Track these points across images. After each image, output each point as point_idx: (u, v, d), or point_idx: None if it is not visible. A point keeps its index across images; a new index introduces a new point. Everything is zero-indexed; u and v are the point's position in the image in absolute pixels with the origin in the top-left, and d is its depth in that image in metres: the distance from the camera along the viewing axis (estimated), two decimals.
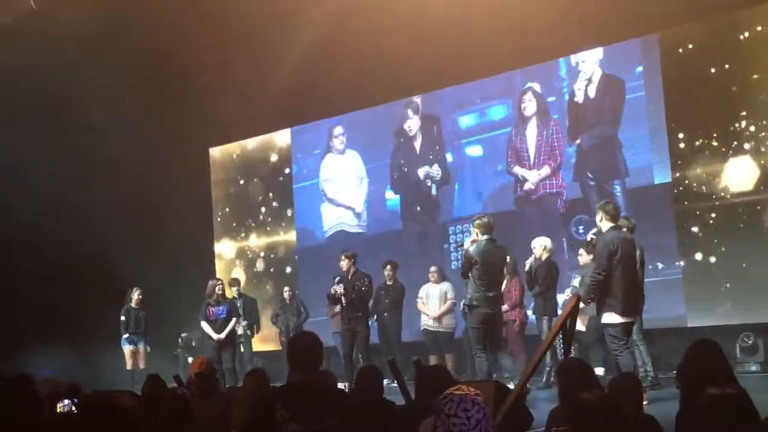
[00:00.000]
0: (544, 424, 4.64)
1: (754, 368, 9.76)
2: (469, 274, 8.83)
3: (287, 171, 15.23)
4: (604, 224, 7.92)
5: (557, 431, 3.28)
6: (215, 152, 16.35)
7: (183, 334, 14.40)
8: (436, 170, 13.27)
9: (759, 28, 10.26)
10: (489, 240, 8.77)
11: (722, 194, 10.49)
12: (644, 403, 7.26)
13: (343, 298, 10.64)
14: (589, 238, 8.54)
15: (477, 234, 8.86)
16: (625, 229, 8.19)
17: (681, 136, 10.82)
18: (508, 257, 9.60)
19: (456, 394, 3.04)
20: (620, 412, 3.15)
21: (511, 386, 5.89)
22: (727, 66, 10.44)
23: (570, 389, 4.58)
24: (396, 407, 5.25)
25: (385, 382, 8.21)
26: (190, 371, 6.42)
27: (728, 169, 10.46)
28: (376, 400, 5.24)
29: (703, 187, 10.65)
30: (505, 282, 9.92)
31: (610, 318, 7.76)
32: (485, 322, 8.77)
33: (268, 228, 15.49)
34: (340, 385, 7.07)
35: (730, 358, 9.38)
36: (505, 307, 9.84)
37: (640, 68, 11.26)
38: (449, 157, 13.17)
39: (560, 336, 5.90)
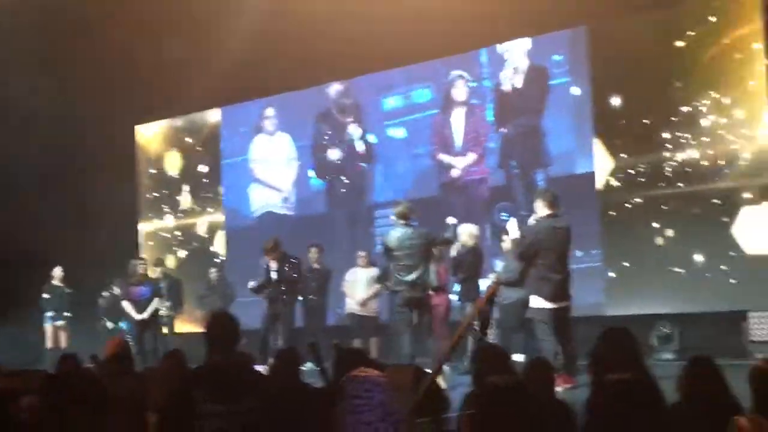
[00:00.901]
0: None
1: (669, 356, 10.00)
2: (389, 260, 8.97)
3: (216, 150, 15.09)
4: (541, 211, 8.14)
5: (465, 414, 3.31)
6: (142, 129, 16.10)
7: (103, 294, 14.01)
8: (359, 151, 13.29)
9: (691, 33, 10.47)
10: (404, 226, 8.86)
11: (645, 185, 10.69)
12: (564, 387, 7.47)
13: (272, 274, 10.60)
14: (509, 226, 8.71)
15: (394, 220, 8.98)
16: (560, 218, 8.34)
17: (605, 126, 11.01)
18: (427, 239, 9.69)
19: (359, 376, 3.07)
20: (527, 396, 3.19)
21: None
22: (657, 59, 10.63)
23: (483, 374, 4.64)
24: (312, 389, 5.25)
25: (309, 365, 8.28)
26: (105, 352, 6.34)
27: (651, 161, 10.67)
28: (292, 383, 5.24)
29: (626, 177, 10.85)
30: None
31: (537, 302, 7.97)
32: (407, 305, 8.82)
33: (196, 207, 15.34)
34: (258, 368, 7.02)
35: (646, 346, 9.80)
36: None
37: (565, 58, 11.43)
38: (372, 139, 13.22)
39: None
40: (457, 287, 10.41)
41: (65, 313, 13.05)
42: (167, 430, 4.56)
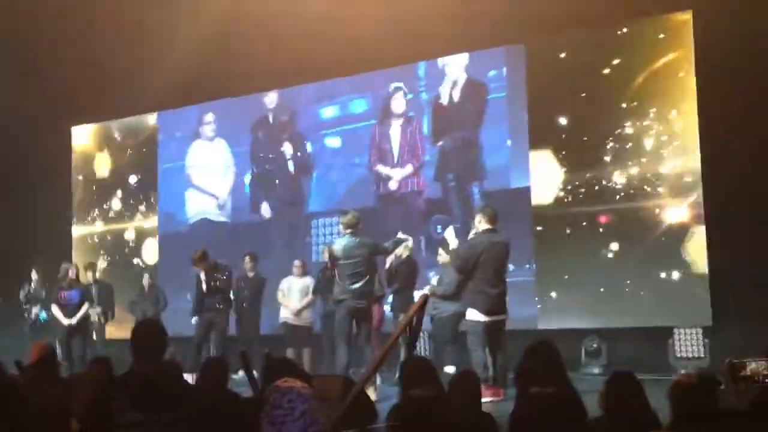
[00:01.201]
0: None
1: (597, 371, 10.16)
2: (335, 271, 8.94)
3: (153, 154, 14.93)
4: (481, 226, 8.32)
5: (389, 426, 3.33)
6: (79, 131, 15.85)
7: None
8: (296, 160, 13.29)
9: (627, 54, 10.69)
10: (350, 235, 8.86)
11: (580, 200, 10.87)
12: (492, 399, 7.55)
13: (203, 286, 10.52)
14: (447, 235, 8.83)
15: (341, 229, 8.99)
16: (498, 233, 8.47)
17: (541, 141, 11.17)
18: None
19: (281, 386, 3.07)
20: (449, 408, 3.22)
21: None
22: (594, 77, 10.83)
23: (409, 386, 4.67)
24: (241, 399, 5.22)
25: (240, 374, 8.22)
26: (30, 357, 6.23)
27: (586, 177, 10.85)
28: (220, 392, 5.22)
29: (560, 193, 11.02)
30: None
31: (473, 315, 8.09)
32: (351, 314, 8.82)
33: (130, 212, 15.14)
34: (187, 376, 6.96)
35: (575, 360, 9.96)
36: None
37: (503, 73, 11.59)
38: (309, 148, 13.24)
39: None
40: (390, 298, 10.46)
41: None
42: None
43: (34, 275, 13.02)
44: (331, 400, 4.68)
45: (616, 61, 10.76)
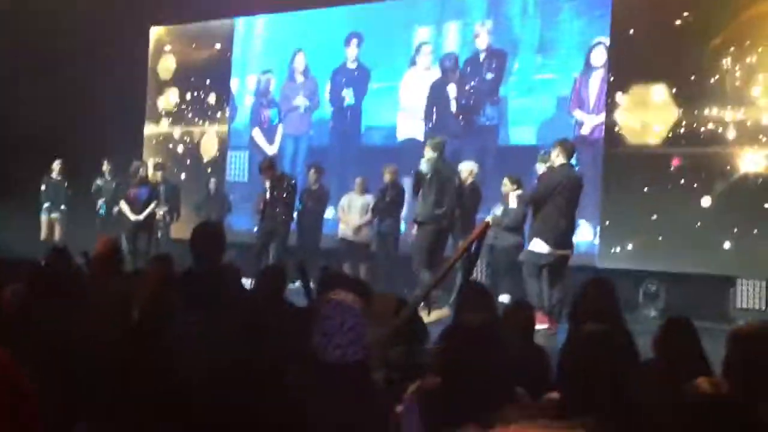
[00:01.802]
0: None
1: (653, 314, 10.06)
2: (419, 192, 8.88)
3: (227, 60, 14.93)
4: (558, 160, 8.31)
5: (437, 348, 3.33)
6: (157, 31, 15.93)
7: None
8: None
9: None
10: (439, 157, 8.82)
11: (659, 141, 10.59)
12: (543, 327, 7.53)
13: (267, 194, 10.66)
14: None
15: (429, 152, 8.92)
16: (575, 168, 8.62)
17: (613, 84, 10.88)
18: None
19: (333, 298, 3.08)
20: (497, 337, 3.20)
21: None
22: None
23: (464, 310, 4.68)
24: (295, 307, 5.29)
25: (297, 283, 8.33)
26: (95, 249, 6.38)
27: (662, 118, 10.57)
28: (275, 299, 5.29)
29: (632, 131, 10.76)
30: None
31: (537, 246, 8.10)
32: (435, 237, 8.83)
33: (201, 116, 15.24)
34: (246, 281, 7.07)
35: (632, 302, 9.86)
36: None
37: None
38: None
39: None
40: None
41: (62, 206, 13.10)
42: (145, 331, 4.59)
43: (105, 168, 13.25)
44: (384, 318, 4.70)
45: None
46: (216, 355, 3.61)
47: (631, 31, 10.81)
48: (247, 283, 6.74)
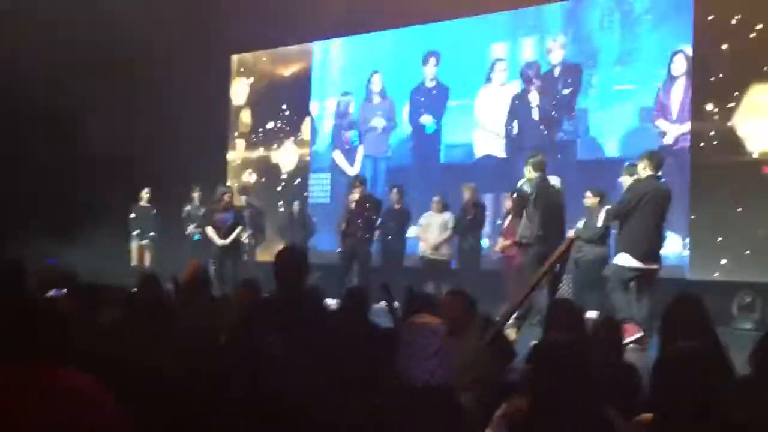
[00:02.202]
0: None
1: (749, 326, 9.77)
2: (523, 212, 8.77)
3: (306, 85, 15.11)
4: (645, 172, 8.16)
5: (525, 367, 3.29)
6: (238, 59, 16.23)
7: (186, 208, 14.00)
8: None
9: None
10: (541, 176, 8.74)
11: (741, 149, 10.33)
12: (634, 339, 7.38)
13: (350, 213, 10.78)
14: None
15: (530, 172, 8.77)
16: (662, 180, 8.37)
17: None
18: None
19: (417, 322, 3.07)
20: (581, 356, 3.13)
21: None
22: None
23: (552, 328, 4.61)
24: (379, 329, 5.29)
25: (382, 304, 8.32)
26: (183, 275, 6.49)
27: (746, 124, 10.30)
28: (359, 321, 5.30)
29: (719, 139, 10.51)
30: (508, 219, 10.42)
31: (623, 260, 8.02)
32: (539, 260, 8.71)
33: (282, 141, 15.45)
34: (332, 302, 7.12)
35: (726, 315, 9.59)
36: (507, 242, 10.03)
37: None
38: None
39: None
40: None
41: (151, 233, 13.40)
42: (231, 354, 4.65)
43: (195, 194, 13.54)
44: (469, 338, 4.66)
45: None
46: (297, 379, 3.62)
47: (715, 37, 10.57)
48: (332, 303, 6.79)
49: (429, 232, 11.59)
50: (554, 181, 10.05)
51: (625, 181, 8.85)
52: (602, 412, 3.05)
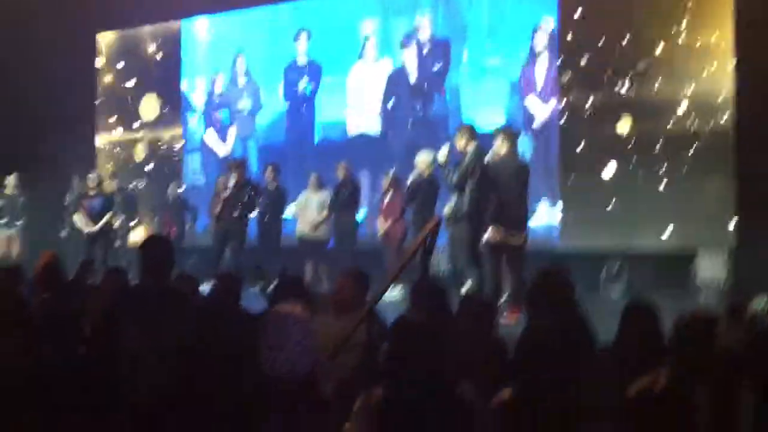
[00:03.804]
0: None
1: (617, 295, 10.06)
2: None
3: (176, 63, 14.76)
4: (503, 148, 8.17)
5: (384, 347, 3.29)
6: (104, 37, 15.69)
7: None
8: None
9: None
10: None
11: (602, 120, 10.60)
12: (510, 318, 7.50)
13: (227, 195, 10.63)
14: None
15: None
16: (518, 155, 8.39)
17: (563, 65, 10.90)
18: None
19: (280, 311, 3.04)
20: (433, 335, 3.13)
21: None
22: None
23: (414, 307, 4.64)
24: (249, 316, 5.20)
25: (258, 288, 8.23)
26: (35, 266, 6.27)
27: (609, 95, 10.60)
28: (229, 308, 5.20)
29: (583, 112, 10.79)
30: (387, 198, 10.54)
31: (490, 233, 8.03)
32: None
33: (154, 122, 15.07)
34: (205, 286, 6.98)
35: (593, 283, 9.88)
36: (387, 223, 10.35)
37: None
38: None
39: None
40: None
41: (18, 222, 12.91)
42: (97, 346, 4.50)
43: (75, 182, 13.13)
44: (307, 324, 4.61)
45: None
46: (159, 373, 3.53)
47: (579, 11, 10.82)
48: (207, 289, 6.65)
49: (307, 211, 11.48)
50: (429, 157, 10.04)
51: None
52: (456, 390, 3.06)
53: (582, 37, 10.78)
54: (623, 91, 10.48)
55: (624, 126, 10.50)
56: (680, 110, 10.13)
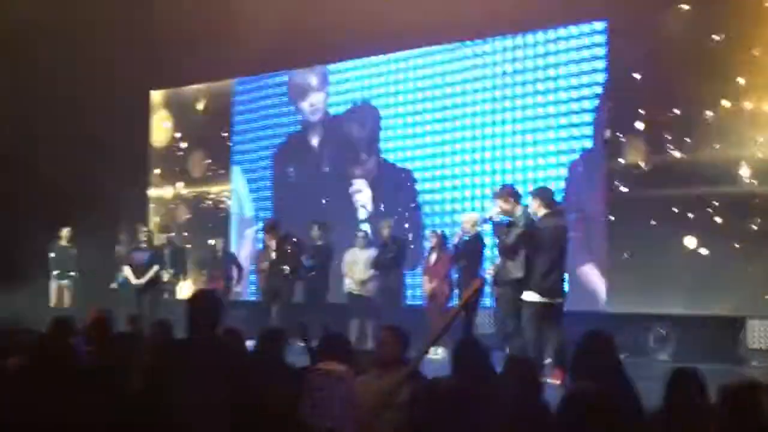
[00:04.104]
0: None
1: (665, 358, 9.95)
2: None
3: (227, 121, 15.01)
4: (540, 210, 8.09)
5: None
6: (157, 95, 16.05)
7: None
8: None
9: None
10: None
11: (655, 183, 10.49)
12: (555, 381, 7.42)
13: (273, 254, 10.71)
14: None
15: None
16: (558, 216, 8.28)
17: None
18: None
19: (321, 370, 3.07)
20: (468, 398, 3.13)
21: None
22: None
23: (461, 368, 4.62)
24: (294, 370, 5.24)
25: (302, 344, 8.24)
26: (86, 320, 6.38)
27: (662, 159, 10.52)
28: (274, 362, 5.25)
29: (636, 174, 10.71)
30: (433, 258, 10.53)
31: (529, 296, 7.94)
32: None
33: (204, 178, 15.30)
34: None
35: (642, 346, 9.75)
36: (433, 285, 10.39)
37: None
38: None
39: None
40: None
41: (71, 273, 13.14)
42: (147, 397, 4.56)
43: (123, 236, 13.40)
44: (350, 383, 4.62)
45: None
46: (205, 428, 3.57)
47: None
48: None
49: (355, 268, 11.55)
50: (473, 217, 10.07)
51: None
52: None
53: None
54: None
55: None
56: (739, 174, 10.01)
